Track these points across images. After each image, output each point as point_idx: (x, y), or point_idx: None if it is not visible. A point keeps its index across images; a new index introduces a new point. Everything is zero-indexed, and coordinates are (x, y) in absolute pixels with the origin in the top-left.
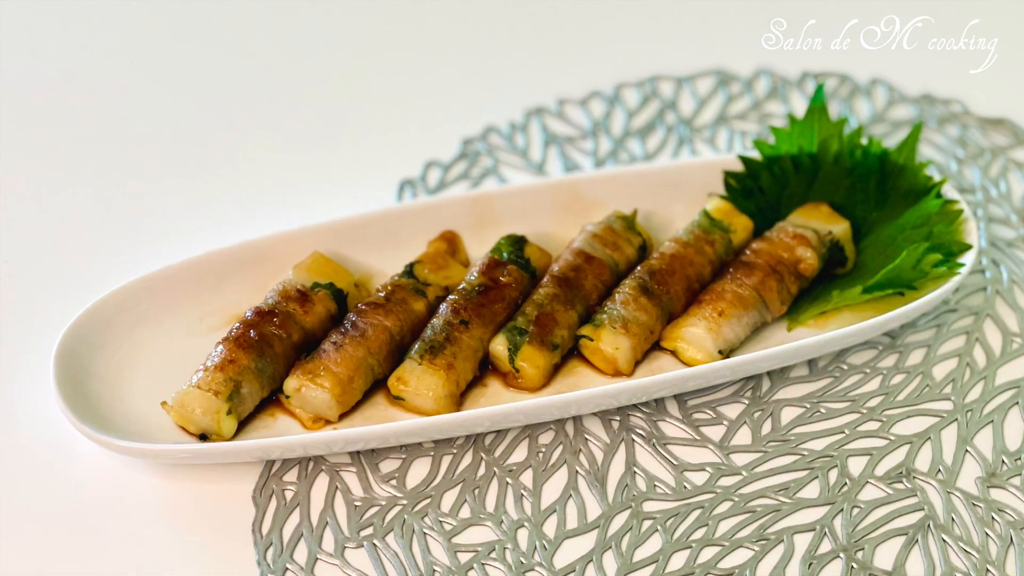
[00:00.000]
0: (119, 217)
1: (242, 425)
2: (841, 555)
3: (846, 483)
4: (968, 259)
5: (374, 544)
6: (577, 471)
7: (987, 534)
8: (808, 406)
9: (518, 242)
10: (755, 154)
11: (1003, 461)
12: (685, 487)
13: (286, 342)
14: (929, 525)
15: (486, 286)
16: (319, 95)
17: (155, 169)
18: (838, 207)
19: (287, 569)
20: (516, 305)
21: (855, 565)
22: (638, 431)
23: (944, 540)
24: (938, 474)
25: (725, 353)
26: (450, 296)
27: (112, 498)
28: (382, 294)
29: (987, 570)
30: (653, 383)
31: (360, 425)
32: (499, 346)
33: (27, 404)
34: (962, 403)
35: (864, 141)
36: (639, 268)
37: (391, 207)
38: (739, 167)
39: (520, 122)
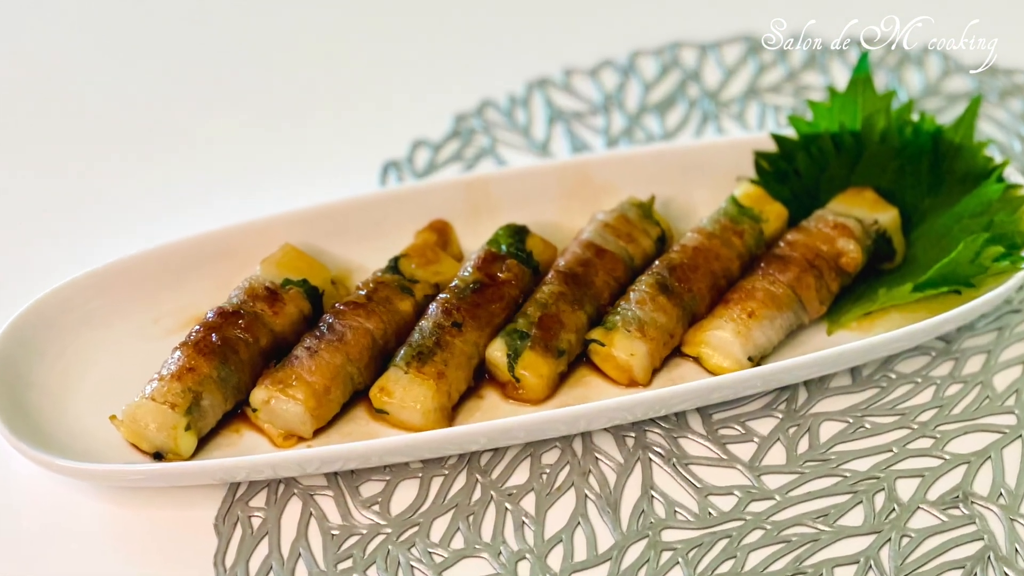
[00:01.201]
0: (62, 204)
1: (202, 442)
2: None
3: (894, 509)
4: None
5: None
6: (586, 495)
7: None
8: (851, 421)
9: (519, 233)
10: (790, 132)
11: None
12: (710, 513)
13: (253, 347)
14: (989, 557)
15: (482, 283)
16: (291, 64)
17: (103, 149)
18: (885, 193)
19: None
20: (516, 305)
21: None
22: (656, 449)
23: (1007, 574)
24: (1000, 498)
25: (756, 360)
26: (441, 295)
27: (53, 525)
28: (363, 292)
29: None
30: (673, 394)
31: (338, 442)
32: (497, 352)
33: None
34: None
35: (915, 117)
36: (657, 263)
37: (373, 193)
38: (772, 147)
39: (521, 95)
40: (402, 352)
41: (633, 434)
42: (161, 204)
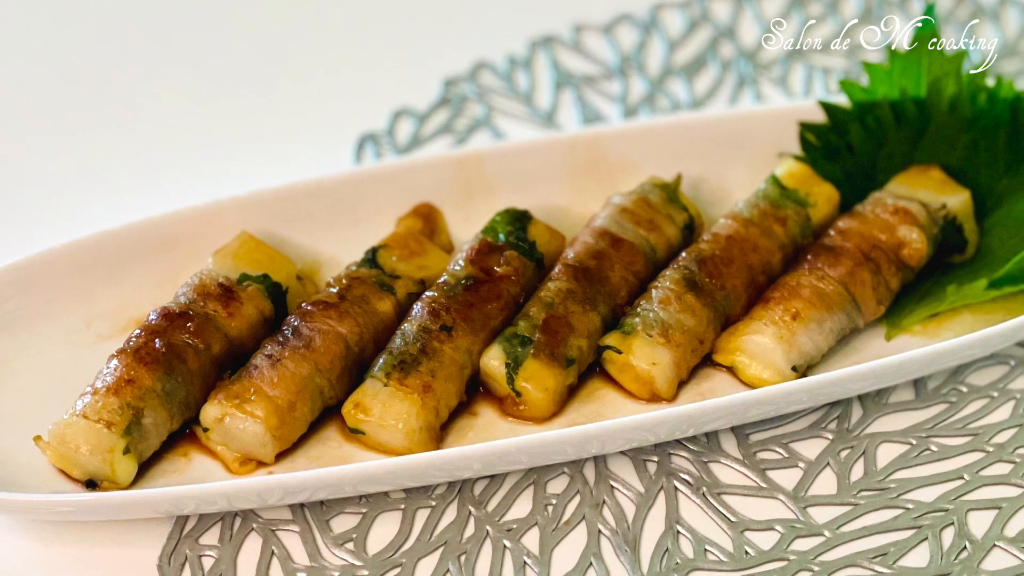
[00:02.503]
0: None
1: (144, 468)
2: None
3: (965, 547)
4: None
5: None
6: (600, 530)
7: None
8: (914, 442)
9: (519, 219)
10: (842, 100)
11: None
12: (747, 552)
13: (204, 355)
14: None
15: (476, 279)
16: (249, 19)
17: (28, 120)
18: (955, 172)
19: None
20: (517, 305)
21: None
22: (682, 476)
23: None
24: None
25: (801, 370)
26: (427, 293)
27: None
28: (334, 290)
29: None
30: (703, 411)
31: (304, 468)
32: (494, 361)
33: None
34: None
35: (990, 82)
36: (684, 255)
37: (346, 172)
38: (820, 117)
39: (522, 55)
40: (381, 361)
41: (655, 458)
42: (95, 185)
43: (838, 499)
